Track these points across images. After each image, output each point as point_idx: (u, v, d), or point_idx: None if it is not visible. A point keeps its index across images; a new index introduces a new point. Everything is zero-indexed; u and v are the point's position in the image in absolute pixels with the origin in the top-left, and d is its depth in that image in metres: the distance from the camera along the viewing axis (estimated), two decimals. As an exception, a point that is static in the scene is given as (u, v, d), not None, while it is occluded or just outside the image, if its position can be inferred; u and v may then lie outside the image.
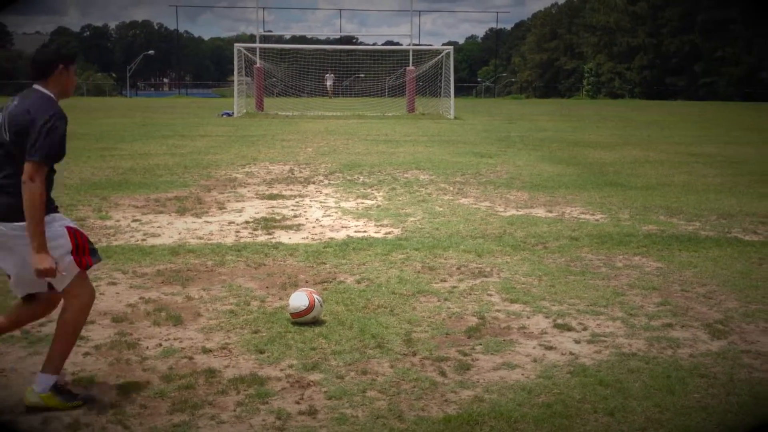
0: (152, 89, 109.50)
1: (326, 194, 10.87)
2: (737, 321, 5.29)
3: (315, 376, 4.26)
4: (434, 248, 7.41)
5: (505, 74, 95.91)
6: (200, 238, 7.88)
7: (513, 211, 9.55)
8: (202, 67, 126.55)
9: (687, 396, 4.05)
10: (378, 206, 9.88)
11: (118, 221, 8.70)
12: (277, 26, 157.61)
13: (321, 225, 8.66)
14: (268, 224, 8.64)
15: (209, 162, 14.46)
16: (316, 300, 5.14)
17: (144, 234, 8.05)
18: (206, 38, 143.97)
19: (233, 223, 8.71)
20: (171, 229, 8.32)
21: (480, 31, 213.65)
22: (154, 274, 6.41)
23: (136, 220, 8.76)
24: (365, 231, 8.30)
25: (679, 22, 65.30)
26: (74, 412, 3.80)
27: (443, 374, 4.32)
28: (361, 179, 12.34)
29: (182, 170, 13.11)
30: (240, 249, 7.33)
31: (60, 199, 9.83)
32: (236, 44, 34.16)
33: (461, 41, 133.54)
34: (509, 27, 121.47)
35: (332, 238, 7.88)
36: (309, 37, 68.39)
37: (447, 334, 4.98)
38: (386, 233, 8.18)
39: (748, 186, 11.88)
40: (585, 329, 5.09)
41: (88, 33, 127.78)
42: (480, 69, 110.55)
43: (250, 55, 34.60)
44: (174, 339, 4.86)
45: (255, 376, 4.24)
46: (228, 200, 10.29)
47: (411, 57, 35.20)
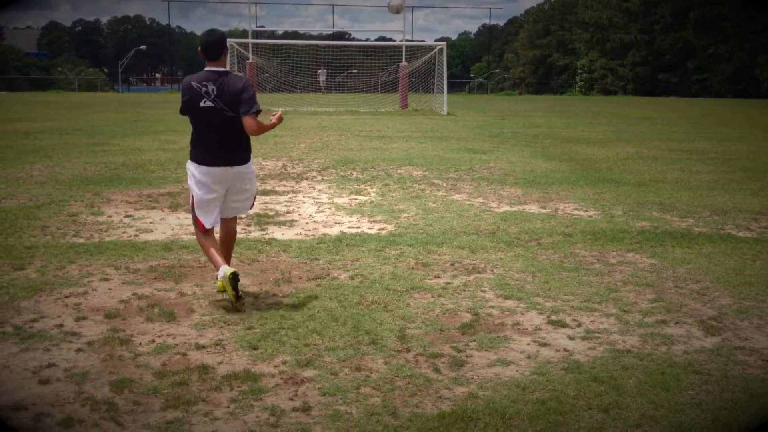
0: (144, 84, 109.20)
1: (319, 190, 10.85)
2: (731, 317, 5.30)
3: (309, 373, 4.25)
4: (428, 244, 7.40)
5: (498, 70, 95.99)
6: (193, 234, 7.84)
7: (506, 207, 9.55)
8: (195, 62, 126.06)
9: (681, 393, 4.05)
10: (371, 202, 9.86)
11: (111, 217, 8.66)
12: (270, 22, 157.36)
13: (314, 221, 8.64)
14: (261, 220, 8.62)
15: (202, 157, 14.41)
16: None
17: (137, 230, 8.02)
18: (199, 33, 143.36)
19: (226, 219, 8.68)
20: (164, 225, 8.29)
21: (473, 27, 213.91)
22: (147, 270, 6.38)
23: (129, 216, 8.73)
24: (359, 227, 8.29)
25: (672, 19, 65.42)
26: (66, 408, 3.77)
27: (437, 371, 4.31)
28: (355, 175, 12.32)
29: (175, 166, 13.07)
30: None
31: (52, 195, 9.82)
32: (229, 39, 34.05)
33: (454, 37, 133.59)
34: (502, 23, 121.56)
35: (326, 234, 7.86)
36: (302, 33, 68.24)
37: (441, 331, 4.97)
38: (380, 229, 8.17)
39: (741, 183, 11.91)
40: (579, 326, 5.09)
41: (80, 28, 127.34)
42: (473, 65, 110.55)
43: (243, 51, 34.52)
44: (167, 335, 4.84)
45: (248, 373, 4.22)
46: (221, 196, 10.25)
47: (404, 53, 35.18)
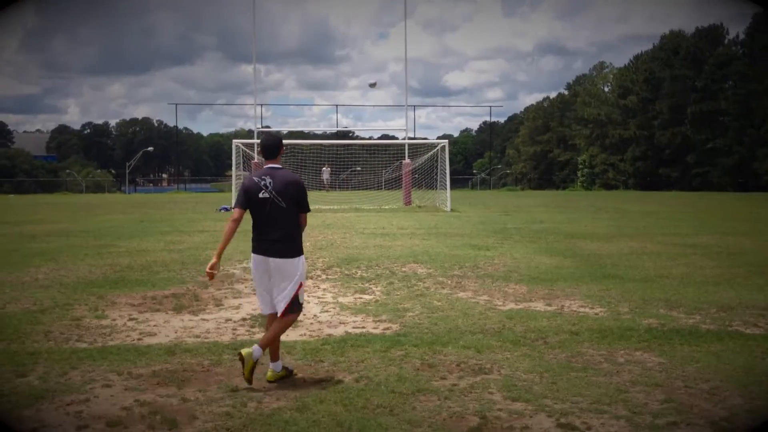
0: (151, 185, 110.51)
1: (324, 289, 10.83)
2: (742, 418, 5.20)
3: (313, 482, 4.15)
4: (433, 344, 7.34)
5: (500, 166, 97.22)
6: (197, 337, 7.81)
7: (512, 305, 9.51)
8: (201, 163, 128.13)
9: (696, 499, 3.94)
10: (376, 301, 9.83)
11: (114, 320, 8.63)
12: (275, 122, 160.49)
13: (319, 321, 8.60)
14: (266, 321, 8.56)
15: (207, 258, 14.46)
16: None
17: (140, 333, 7.98)
18: (205, 134, 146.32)
19: (230, 321, 8.65)
20: (167, 328, 8.25)
21: (474, 125, 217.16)
22: (150, 375, 6.32)
23: (133, 319, 8.70)
24: (363, 327, 8.24)
25: (670, 115, 66.57)
26: None
27: (445, 478, 4.21)
28: (359, 273, 12.33)
29: (180, 267, 13.11)
30: (237, 347, 7.25)
31: (56, 299, 9.82)
32: (234, 140, 34.70)
33: (456, 134, 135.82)
34: (503, 120, 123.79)
35: (330, 335, 7.80)
36: (306, 132, 69.42)
37: (448, 436, 4.88)
38: (384, 329, 8.12)
39: (747, 278, 11.87)
40: (589, 429, 5.00)
41: (89, 131, 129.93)
42: (475, 161, 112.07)
43: (248, 151, 35.08)
44: (169, 444, 4.75)
45: (252, 483, 4.12)
46: (225, 297, 10.25)
47: (406, 150, 35.71)
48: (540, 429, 5.00)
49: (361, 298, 10.09)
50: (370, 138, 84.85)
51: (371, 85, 23.41)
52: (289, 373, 6.24)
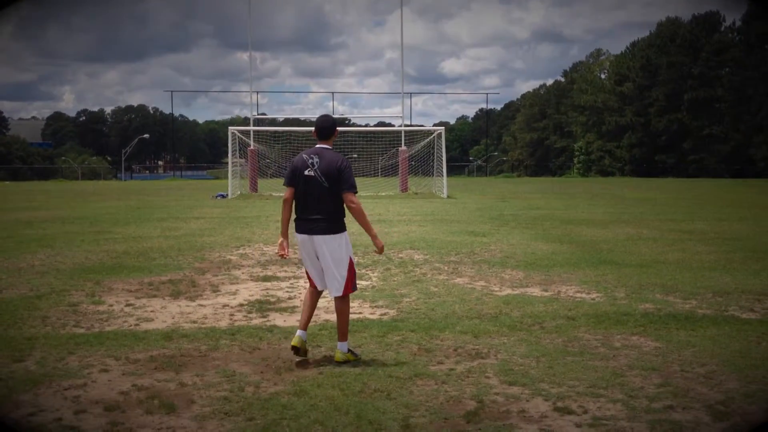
0: (147, 172, 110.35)
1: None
2: (739, 402, 5.22)
3: (311, 465, 4.16)
4: (430, 329, 7.35)
5: (496, 153, 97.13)
6: (194, 322, 7.81)
7: (508, 291, 9.52)
8: (197, 150, 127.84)
9: (692, 481, 3.95)
10: (373, 287, 9.84)
11: (111, 306, 8.63)
12: (271, 109, 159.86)
13: (316, 307, 8.59)
14: (263, 307, 8.58)
15: (203, 244, 14.46)
16: None
17: (137, 319, 7.98)
18: (201, 121, 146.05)
19: (227, 306, 8.65)
20: (164, 314, 8.25)
21: (470, 112, 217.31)
22: (147, 360, 6.32)
23: (130, 305, 8.70)
24: (360, 312, 8.25)
25: (666, 102, 66.56)
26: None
27: (442, 461, 4.22)
28: (356, 259, 12.30)
29: (176, 253, 13.10)
30: (234, 333, 7.26)
31: (53, 284, 9.81)
32: (230, 127, 34.63)
33: (452, 121, 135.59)
34: (499, 107, 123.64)
35: (327, 320, 7.81)
36: (302, 119, 69.21)
37: (445, 419, 4.89)
38: (381, 314, 8.13)
39: (743, 263, 11.90)
40: (585, 412, 5.01)
41: (84, 118, 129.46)
42: (471, 148, 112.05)
43: (244, 138, 35.03)
44: (167, 428, 4.76)
45: (250, 466, 4.13)
46: (222, 283, 10.25)
47: (403, 137, 35.67)
48: (536, 413, 5.02)
49: (358, 284, 10.08)
50: (367, 125, 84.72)
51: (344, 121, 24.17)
52: (356, 357, 6.28)
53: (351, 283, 6.32)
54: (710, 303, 8.72)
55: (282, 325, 7.63)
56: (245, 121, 51.46)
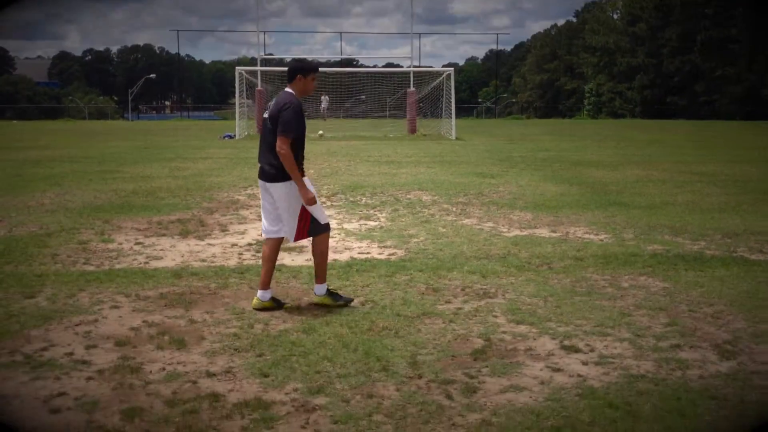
0: (154, 112, 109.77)
1: (328, 216, 10.84)
2: (746, 341, 5.24)
3: (320, 400, 4.21)
4: (438, 269, 7.36)
5: (506, 95, 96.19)
6: (203, 261, 7.84)
7: (517, 232, 9.52)
8: (203, 90, 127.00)
9: (698, 418, 3.99)
10: (381, 227, 9.85)
11: (121, 244, 8.67)
12: (278, 49, 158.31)
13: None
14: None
15: (211, 184, 14.46)
16: None
17: (147, 257, 8.01)
18: (207, 61, 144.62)
19: (236, 246, 8.68)
20: (173, 252, 8.29)
21: (480, 53, 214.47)
22: (157, 297, 6.36)
23: (139, 243, 8.73)
24: (368, 252, 8.26)
25: (679, 42, 65.56)
26: (77, 439, 3.75)
27: (450, 397, 4.26)
28: (364, 200, 12.32)
29: (184, 193, 13.10)
30: (243, 271, 7.29)
31: (62, 223, 9.85)
32: (237, 68, 34.31)
33: (461, 62, 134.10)
34: (509, 48, 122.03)
35: (335, 260, 7.83)
36: (310, 60, 68.39)
37: (453, 357, 4.93)
38: (389, 255, 8.14)
39: (753, 205, 11.85)
40: (592, 351, 5.04)
41: (90, 57, 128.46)
42: (480, 90, 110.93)
43: (252, 78, 34.73)
44: (177, 363, 4.81)
45: (259, 401, 4.19)
46: (230, 222, 10.27)
47: (412, 79, 35.33)
48: (543, 351, 5.05)
49: (366, 225, 10.10)
50: (375, 66, 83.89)
51: (320, 136, 23.99)
52: (278, 305, 6.07)
53: (303, 231, 6.06)
54: (719, 245, 8.70)
55: (290, 264, 7.66)
56: (252, 62, 51.03)
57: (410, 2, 37.58)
